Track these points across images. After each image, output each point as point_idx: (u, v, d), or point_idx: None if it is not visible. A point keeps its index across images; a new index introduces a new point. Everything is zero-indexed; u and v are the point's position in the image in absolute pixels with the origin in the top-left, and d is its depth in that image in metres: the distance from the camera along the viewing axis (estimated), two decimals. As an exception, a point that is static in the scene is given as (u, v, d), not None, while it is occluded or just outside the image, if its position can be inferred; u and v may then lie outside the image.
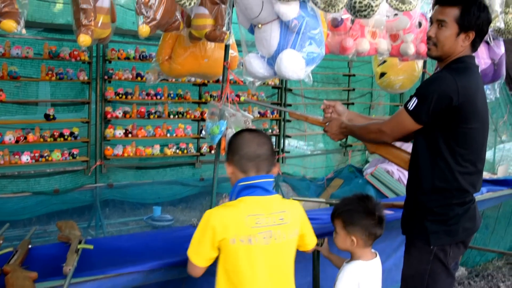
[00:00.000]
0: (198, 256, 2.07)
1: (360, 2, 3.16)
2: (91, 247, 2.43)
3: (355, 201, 2.54)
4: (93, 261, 2.43)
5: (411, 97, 2.55)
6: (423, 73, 5.43)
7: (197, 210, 7.47)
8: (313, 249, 2.85)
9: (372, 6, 3.17)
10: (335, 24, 4.09)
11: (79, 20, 3.14)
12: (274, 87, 7.78)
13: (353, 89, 8.63)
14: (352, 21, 4.13)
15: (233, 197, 2.14)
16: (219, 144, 3.72)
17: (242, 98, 3.87)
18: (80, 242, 2.47)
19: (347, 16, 3.96)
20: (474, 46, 2.57)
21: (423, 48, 4.36)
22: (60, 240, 2.62)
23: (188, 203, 7.61)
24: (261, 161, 2.12)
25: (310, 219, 3.38)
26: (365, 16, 3.41)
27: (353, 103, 8.64)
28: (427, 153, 2.59)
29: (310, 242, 2.38)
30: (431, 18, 2.66)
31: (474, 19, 2.46)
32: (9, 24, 2.91)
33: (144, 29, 3.37)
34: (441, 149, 2.52)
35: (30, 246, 2.48)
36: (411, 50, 4.32)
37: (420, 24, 4.38)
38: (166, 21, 3.57)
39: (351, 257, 2.57)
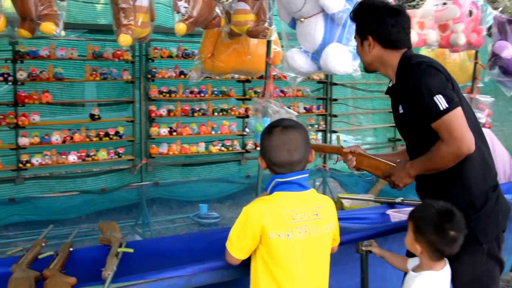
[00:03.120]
0: (238, 250, 2.09)
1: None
2: (131, 250, 2.38)
3: (432, 210, 2.32)
4: (134, 264, 2.38)
5: (431, 102, 2.26)
6: (475, 64, 5.23)
7: (243, 206, 7.42)
8: (364, 249, 2.74)
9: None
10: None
11: (119, 20, 3.11)
12: (319, 81, 7.65)
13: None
14: (400, 12, 3.99)
15: (268, 189, 2.14)
16: (263, 141, 3.64)
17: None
18: (120, 245, 2.43)
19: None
20: (392, 44, 2.48)
21: (475, 37, 4.20)
22: (101, 242, 2.60)
23: (235, 199, 7.58)
24: (294, 166, 2.08)
25: (358, 218, 3.29)
26: (414, 7, 3.26)
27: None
28: None
29: (337, 238, 2.31)
30: None
31: (361, 26, 2.54)
32: (48, 27, 2.91)
33: (180, 27, 3.30)
34: None
35: (71, 249, 2.46)
36: (462, 40, 4.15)
37: (470, 13, 4.20)
38: (204, 17, 3.49)
39: (419, 263, 2.41)
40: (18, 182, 5.52)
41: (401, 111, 2.47)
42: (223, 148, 6.72)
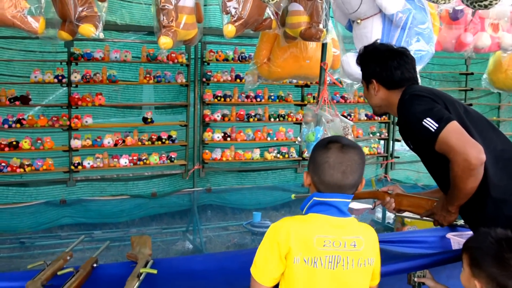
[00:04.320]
0: (264, 274, 1.84)
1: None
2: (154, 271, 2.19)
3: (489, 239, 2.01)
4: (158, 286, 2.21)
5: (423, 128, 2.20)
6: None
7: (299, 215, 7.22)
8: (417, 281, 2.48)
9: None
10: (455, 17, 3.71)
11: (160, 22, 2.97)
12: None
13: (471, 89, 7.90)
14: (473, 13, 3.68)
15: (304, 209, 1.90)
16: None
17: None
18: (146, 264, 2.25)
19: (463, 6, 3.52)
20: (396, 84, 2.48)
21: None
22: (128, 258, 2.43)
23: (291, 207, 7.36)
24: (344, 190, 1.85)
25: (414, 242, 2.98)
26: (485, 7, 2.94)
27: (471, 104, 7.91)
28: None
29: (377, 277, 2.01)
30: None
31: (366, 71, 2.58)
32: (87, 29, 2.83)
33: (229, 29, 3.16)
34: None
35: (96, 265, 2.30)
36: (541, 44, 3.79)
37: (553, 14, 3.85)
38: (254, 19, 3.32)
39: None
40: (70, 184, 5.55)
41: (411, 146, 2.48)
42: (279, 155, 6.52)
